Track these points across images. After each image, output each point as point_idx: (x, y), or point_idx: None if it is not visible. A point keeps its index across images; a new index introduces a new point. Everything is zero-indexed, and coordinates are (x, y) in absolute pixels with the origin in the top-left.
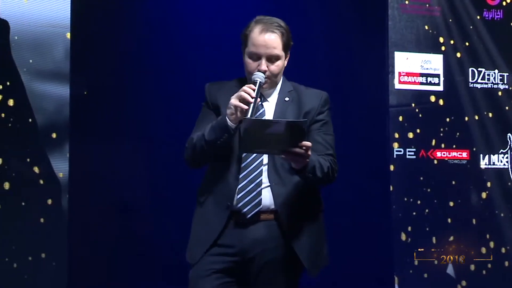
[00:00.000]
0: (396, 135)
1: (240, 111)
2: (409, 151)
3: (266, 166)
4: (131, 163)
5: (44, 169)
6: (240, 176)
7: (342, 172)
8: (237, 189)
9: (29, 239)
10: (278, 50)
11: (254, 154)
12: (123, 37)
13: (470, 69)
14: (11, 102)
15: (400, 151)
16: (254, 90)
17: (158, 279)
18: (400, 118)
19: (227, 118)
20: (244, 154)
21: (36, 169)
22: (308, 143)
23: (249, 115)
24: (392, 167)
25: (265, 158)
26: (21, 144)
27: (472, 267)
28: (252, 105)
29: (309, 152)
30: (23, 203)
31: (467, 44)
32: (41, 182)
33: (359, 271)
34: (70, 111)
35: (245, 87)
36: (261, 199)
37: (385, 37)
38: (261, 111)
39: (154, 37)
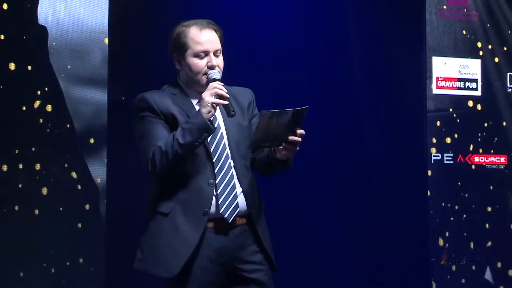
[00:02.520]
0: (434, 140)
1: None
2: (446, 156)
3: (234, 168)
4: None
5: (82, 174)
6: (217, 181)
7: (380, 177)
8: (216, 195)
9: (67, 244)
10: (220, 44)
11: (223, 157)
12: (161, 42)
13: (508, 73)
14: (49, 108)
15: (438, 156)
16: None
17: None
18: (438, 123)
19: (204, 117)
20: (215, 159)
21: (74, 174)
22: (302, 131)
23: (231, 110)
24: (429, 172)
25: (231, 159)
26: (59, 150)
27: (510, 272)
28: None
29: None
30: (61, 208)
31: (505, 49)
32: (79, 187)
33: (396, 277)
34: (108, 116)
35: (215, 84)
36: (238, 202)
37: (423, 42)
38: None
39: None
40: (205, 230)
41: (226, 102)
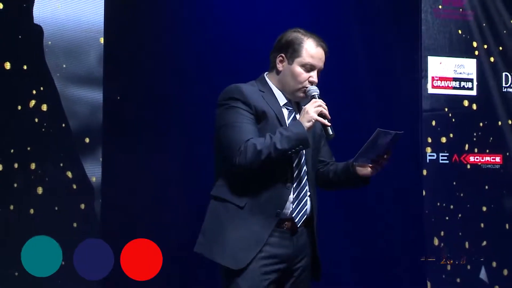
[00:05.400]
0: (429, 140)
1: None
2: (442, 156)
3: (307, 174)
4: (164, 168)
5: (77, 173)
6: (294, 185)
7: (375, 177)
8: (291, 198)
9: (62, 243)
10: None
11: (301, 163)
12: (156, 42)
13: (503, 73)
14: (44, 107)
15: (433, 155)
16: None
17: (193, 285)
18: (433, 123)
19: (305, 129)
20: (294, 163)
21: (69, 174)
22: (390, 153)
23: (330, 131)
24: (425, 172)
25: (305, 165)
26: (54, 149)
27: (505, 271)
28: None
29: None
30: (56, 208)
31: (500, 48)
32: (74, 186)
33: (391, 276)
34: (103, 115)
35: (321, 102)
36: (307, 208)
37: (418, 41)
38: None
39: (188, 42)
40: (274, 230)
41: (329, 124)
